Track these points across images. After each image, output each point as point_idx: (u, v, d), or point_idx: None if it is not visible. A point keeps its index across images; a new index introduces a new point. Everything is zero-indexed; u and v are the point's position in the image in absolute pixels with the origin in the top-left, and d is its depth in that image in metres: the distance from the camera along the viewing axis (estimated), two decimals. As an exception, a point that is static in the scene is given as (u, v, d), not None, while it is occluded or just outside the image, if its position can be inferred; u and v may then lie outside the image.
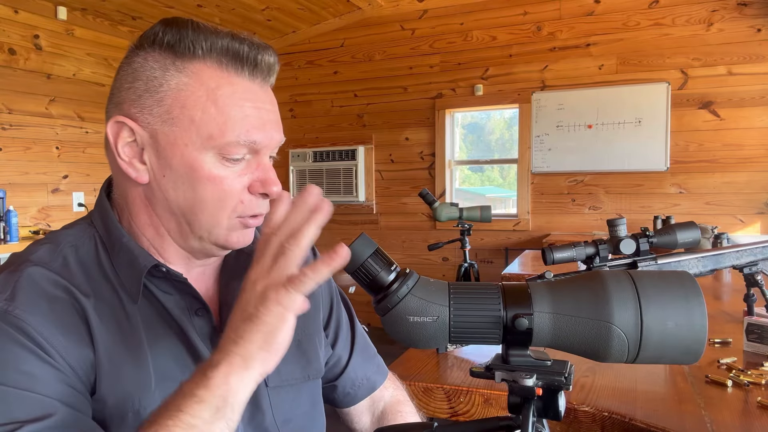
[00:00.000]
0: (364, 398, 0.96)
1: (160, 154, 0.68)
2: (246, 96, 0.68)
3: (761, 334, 1.28)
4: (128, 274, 0.70)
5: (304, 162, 5.03)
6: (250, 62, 0.68)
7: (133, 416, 0.66)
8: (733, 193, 3.91)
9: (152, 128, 0.68)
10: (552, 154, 4.31)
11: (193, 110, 0.66)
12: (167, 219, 0.71)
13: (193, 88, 0.67)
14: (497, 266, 4.49)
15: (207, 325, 0.74)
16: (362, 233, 0.60)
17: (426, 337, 0.57)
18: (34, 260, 0.68)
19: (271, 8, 4.38)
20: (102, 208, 0.75)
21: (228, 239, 0.71)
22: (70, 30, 4.09)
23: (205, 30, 0.68)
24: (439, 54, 4.64)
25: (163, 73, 0.67)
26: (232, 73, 0.68)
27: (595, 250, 1.13)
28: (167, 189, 0.69)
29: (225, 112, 0.67)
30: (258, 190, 0.70)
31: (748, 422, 0.96)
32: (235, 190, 0.69)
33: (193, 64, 0.67)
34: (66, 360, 0.63)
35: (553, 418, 0.58)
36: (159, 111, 0.67)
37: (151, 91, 0.67)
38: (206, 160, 0.67)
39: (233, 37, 0.68)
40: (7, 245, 3.39)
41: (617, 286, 0.55)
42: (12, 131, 3.75)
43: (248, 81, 0.69)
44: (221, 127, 0.66)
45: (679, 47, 3.95)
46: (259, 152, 0.70)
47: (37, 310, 0.63)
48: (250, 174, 0.70)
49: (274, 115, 0.71)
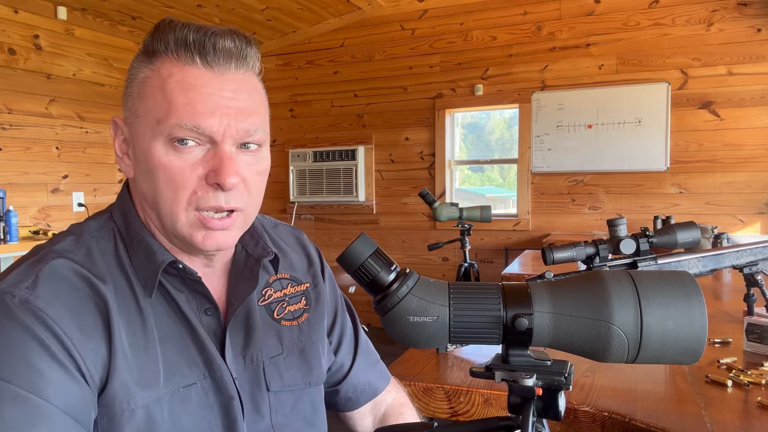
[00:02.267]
0: (366, 403, 0.97)
1: (133, 147, 0.71)
2: (194, 82, 0.67)
3: (761, 334, 1.28)
4: (145, 269, 0.71)
5: (304, 162, 5.03)
6: (198, 48, 0.67)
7: (142, 411, 0.66)
8: (733, 193, 3.91)
9: (129, 122, 0.72)
10: (552, 154, 4.31)
11: (147, 100, 0.69)
12: (150, 213, 0.73)
13: (151, 80, 0.69)
14: (497, 266, 4.49)
15: (215, 323, 0.75)
16: (362, 233, 0.60)
17: (426, 337, 0.57)
18: (58, 250, 0.69)
19: (271, 8, 4.38)
20: (123, 202, 0.76)
21: (193, 237, 0.70)
22: (70, 30, 4.09)
23: (171, 26, 0.69)
24: (439, 54, 4.64)
25: (136, 72, 0.71)
26: (184, 63, 0.68)
27: (595, 250, 1.13)
28: (140, 181, 0.71)
29: (170, 97, 0.67)
30: (211, 180, 0.68)
31: (748, 422, 0.96)
32: (188, 179, 0.67)
33: (158, 58, 0.69)
34: (81, 355, 0.63)
35: (553, 418, 0.58)
36: (130, 105, 0.71)
37: (128, 88, 0.72)
38: (157, 147, 0.68)
39: (190, 28, 0.68)
40: (7, 245, 3.39)
41: (617, 286, 0.55)
42: (12, 131, 3.75)
43: (201, 68, 0.68)
44: (166, 112, 0.67)
45: (679, 47, 3.95)
46: (217, 142, 0.68)
47: (58, 301, 0.64)
48: (204, 164, 0.68)
49: (237, 102, 0.69)
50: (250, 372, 0.78)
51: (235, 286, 0.79)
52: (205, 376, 0.72)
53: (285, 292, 0.86)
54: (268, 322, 0.82)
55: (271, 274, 0.85)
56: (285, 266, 0.87)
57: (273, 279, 0.85)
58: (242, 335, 0.78)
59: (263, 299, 0.83)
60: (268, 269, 0.85)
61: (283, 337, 0.83)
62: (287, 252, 0.90)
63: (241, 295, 0.77)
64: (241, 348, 0.77)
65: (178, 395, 0.70)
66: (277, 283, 0.85)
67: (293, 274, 0.88)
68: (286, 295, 0.86)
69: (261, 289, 0.83)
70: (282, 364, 0.81)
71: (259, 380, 0.78)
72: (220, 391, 0.73)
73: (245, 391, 0.76)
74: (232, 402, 0.73)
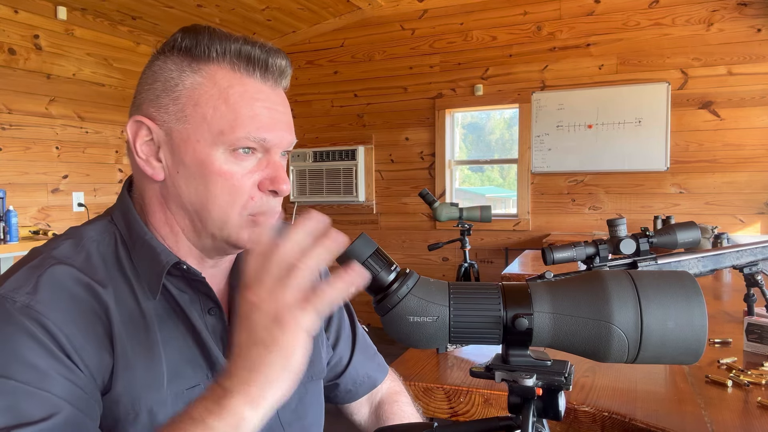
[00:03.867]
0: (365, 395, 0.99)
1: (174, 151, 0.71)
2: (257, 96, 0.71)
3: (761, 334, 1.28)
4: (148, 271, 0.71)
5: (304, 162, 5.03)
6: (261, 64, 0.71)
7: (146, 414, 0.67)
8: (733, 193, 3.91)
9: (168, 126, 0.71)
10: (552, 154, 4.31)
11: (205, 108, 0.69)
12: (181, 216, 0.73)
13: (206, 88, 0.70)
14: (497, 266, 4.49)
15: (219, 324, 0.76)
16: (362, 233, 0.60)
17: (426, 337, 0.57)
18: (56, 256, 0.69)
19: (271, 8, 4.38)
20: (124, 205, 0.76)
21: (239, 237, 0.72)
22: (70, 30, 4.09)
23: (220, 35, 0.71)
24: (439, 54, 4.64)
25: (179, 74, 0.70)
26: (243, 75, 0.71)
27: (595, 250, 1.13)
28: (180, 185, 0.71)
29: (235, 109, 0.69)
30: (267, 187, 0.71)
31: (748, 422, 0.96)
32: (245, 186, 0.71)
33: (208, 65, 0.70)
34: (82, 359, 0.63)
35: (553, 418, 0.58)
36: (174, 109, 0.70)
37: (168, 90, 0.71)
38: (217, 156, 0.69)
39: (246, 41, 0.72)
40: (7, 245, 3.39)
41: (617, 286, 0.55)
42: (12, 131, 3.75)
43: (259, 82, 0.72)
44: (231, 124, 0.69)
45: (679, 47, 3.95)
46: (269, 151, 0.72)
47: (58, 306, 0.64)
48: (260, 172, 0.72)
49: (286, 117, 0.74)
50: None
51: (238, 285, 0.80)
52: (209, 377, 0.73)
53: None
54: None
55: None
56: None
57: None
58: None
59: None
60: None
61: None
62: None
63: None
64: None
65: (182, 397, 0.70)
66: None
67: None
68: None
69: None
70: None
71: None
72: None
73: None
74: None
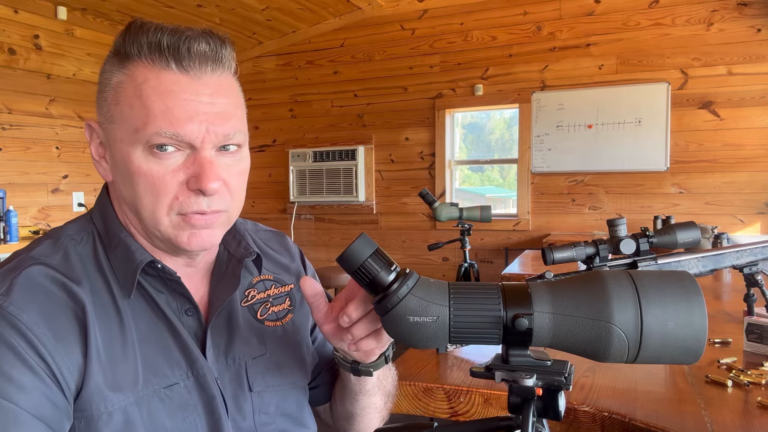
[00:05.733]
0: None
1: (111, 152, 0.71)
2: (170, 88, 0.66)
3: (761, 334, 1.28)
4: (124, 269, 0.71)
5: (304, 162, 5.03)
6: (172, 52, 0.66)
7: (121, 413, 0.66)
8: (733, 193, 3.91)
9: (105, 127, 0.71)
10: (552, 154, 4.31)
11: (123, 106, 0.68)
12: (131, 216, 0.73)
13: (125, 85, 0.68)
14: (497, 266, 4.48)
15: (196, 324, 0.75)
16: (362, 233, 0.60)
17: (426, 337, 0.57)
18: (34, 256, 0.69)
19: (271, 8, 4.38)
20: (102, 204, 0.76)
21: (178, 239, 0.70)
22: (70, 30, 4.09)
23: (143, 29, 0.68)
24: (439, 54, 4.64)
25: (109, 75, 0.70)
26: (159, 67, 0.67)
27: (595, 250, 1.13)
28: (119, 185, 0.71)
29: (146, 105, 0.66)
30: (192, 186, 0.67)
31: (748, 422, 0.96)
32: (168, 185, 0.67)
33: (131, 62, 0.68)
34: (55, 361, 0.63)
35: (553, 418, 0.58)
36: (105, 110, 0.70)
37: (102, 92, 0.71)
38: (136, 155, 0.67)
39: (164, 31, 0.67)
40: (7, 245, 3.39)
41: (617, 286, 0.55)
42: (12, 131, 3.75)
43: (176, 73, 0.67)
44: (144, 120, 0.66)
45: (679, 47, 3.95)
46: (196, 147, 0.67)
47: (32, 307, 0.64)
48: (185, 170, 0.68)
49: (215, 107, 0.68)
50: (232, 372, 0.78)
51: (216, 287, 0.79)
52: (188, 376, 0.72)
53: (269, 293, 0.86)
54: (251, 322, 0.82)
55: (254, 275, 0.85)
56: (269, 267, 0.88)
57: (257, 280, 0.85)
58: (224, 336, 0.78)
59: (246, 300, 0.83)
60: (251, 270, 0.85)
61: (267, 337, 0.83)
62: (270, 254, 0.90)
63: (222, 296, 0.77)
64: (223, 348, 0.77)
65: (159, 395, 0.69)
66: (260, 284, 0.86)
67: (277, 276, 0.88)
68: (270, 296, 0.86)
69: (244, 290, 0.83)
70: (265, 364, 0.81)
71: (241, 380, 0.78)
72: (204, 390, 0.73)
73: (227, 391, 0.76)
74: (214, 401, 0.73)
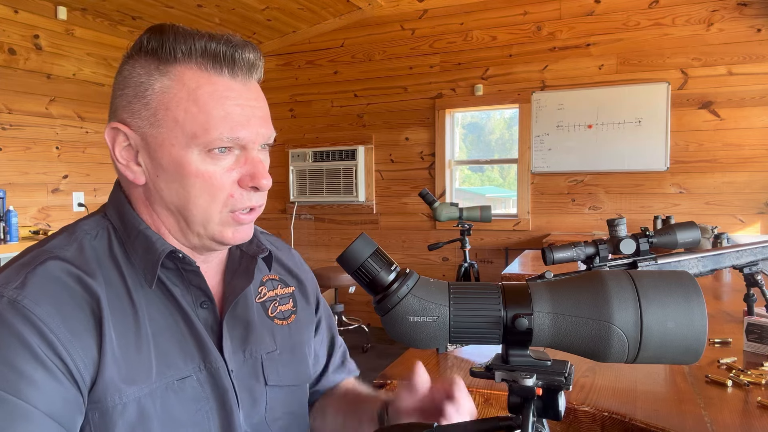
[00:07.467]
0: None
1: (152, 156, 0.71)
2: (226, 94, 0.70)
3: (761, 334, 1.28)
4: (144, 260, 0.72)
5: (304, 162, 5.03)
6: (227, 60, 0.70)
7: (135, 405, 0.67)
8: (733, 193, 3.91)
9: (143, 131, 0.71)
10: (552, 154, 4.31)
11: (176, 111, 0.69)
12: (166, 217, 0.74)
13: (175, 90, 0.69)
14: (497, 266, 4.49)
15: (211, 317, 0.77)
16: (362, 233, 0.60)
17: (426, 337, 0.57)
18: (49, 249, 0.70)
19: (271, 8, 4.38)
20: (117, 201, 0.77)
21: (223, 234, 0.73)
22: (70, 30, 4.09)
23: (185, 34, 0.70)
24: (439, 54, 4.64)
25: (148, 78, 0.70)
26: (212, 73, 0.70)
27: (595, 250, 1.13)
28: (161, 188, 0.72)
29: (206, 110, 0.69)
30: (247, 184, 0.72)
31: (748, 422, 0.96)
32: (224, 184, 0.71)
33: (175, 67, 0.70)
34: (69, 353, 0.64)
35: (553, 418, 0.58)
36: (146, 114, 0.70)
37: (139, 96, 0.71)
38: (193, 158, 0.70)
39: (211, 38, 0.71)
40: (7, 245, 3.39)
41: (617, 286, 0.55)
42: (12, 131, 3.75)
43: (228, 79, 0.71)
44: (204, 126, 0.69)
45: (679, 47, 3.95)
46: (246, 147, 0.72)
47: (46, 300, 0.64)
48: (239, 168, 0.72)
49: (260, 111, 0.73)
50: (250, 366, 0.79)
51: (230, 282, 0.81)
52: (201, 368, 0.73)
53: (276, 293, 0.89)
54: (263, 318, 0.84)
55: (264, 273, 0.88)
56: (275, 268, 0.91)
57: (267, 278, 0.88)
58: (241, 329, 0.80)
59: (259, 296, 0.86)
60: (262, 268, 0.87)
61: (276, 334, 0.85)
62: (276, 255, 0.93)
63: (236, 290, 0.79)
64: (240, 342, 0.79)
65: (172, 388, 0.70)
66: (269, 282, 0.89)
67: (282, 277, 0.92)
68: (278, 295, 0.89)
69: (257, 286, 0.86)
70: (277, 360, 0.83)
71: (257, 374, 0.80)
72: (216, 383, 0.74)
73: (244, 384, 0.77)
74: (227, 394, 0.75)
